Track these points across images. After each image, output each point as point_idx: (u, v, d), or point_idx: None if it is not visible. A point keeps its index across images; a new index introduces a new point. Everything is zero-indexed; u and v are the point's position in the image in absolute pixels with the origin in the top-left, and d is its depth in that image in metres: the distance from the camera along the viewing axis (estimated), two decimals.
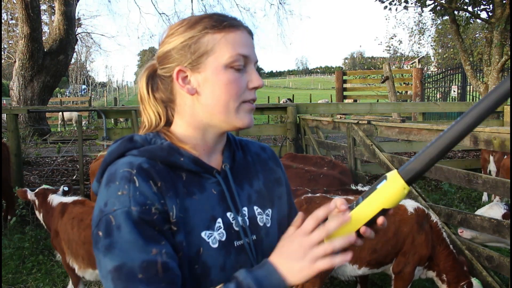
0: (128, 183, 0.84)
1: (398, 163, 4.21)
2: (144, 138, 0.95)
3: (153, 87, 0.99)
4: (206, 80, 0.93)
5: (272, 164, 1.14)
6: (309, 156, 5.72)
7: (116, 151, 0.93)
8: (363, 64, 32.57)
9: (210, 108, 0.95)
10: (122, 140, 0.95)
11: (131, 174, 0.85)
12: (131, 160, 0.89)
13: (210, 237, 0.91)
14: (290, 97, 23.20)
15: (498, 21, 10.09)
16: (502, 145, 2.93)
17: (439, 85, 15.78)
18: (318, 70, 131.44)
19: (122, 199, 0.83)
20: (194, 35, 0.93)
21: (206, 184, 0.95)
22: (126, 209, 0.82)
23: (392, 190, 0.83)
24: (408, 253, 2.94)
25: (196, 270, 0.89)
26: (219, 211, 0.95)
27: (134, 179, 0.85)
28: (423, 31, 24.25)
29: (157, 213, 0.83)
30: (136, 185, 0.84)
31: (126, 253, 0.80)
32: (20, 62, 11.69)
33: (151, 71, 1.00)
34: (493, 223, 3.04)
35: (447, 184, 6.63)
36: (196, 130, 0.98)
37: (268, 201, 1.07)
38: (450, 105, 9.60)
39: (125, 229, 0.81)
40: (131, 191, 0.84)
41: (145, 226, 0.82)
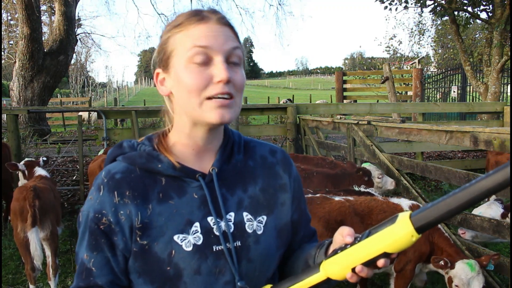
0: (97, 191, 0.94)
1: (398, 164, 4.21)
2: (131, 145, 1.01)
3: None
4: (174, 80, 0.94)
5: (279, 169, 1.09)
6: (310, 156, 5.72)
7: (110, 156, 1.02)
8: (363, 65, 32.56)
9: (182, 107, 0.95)
10: (114, 146, 1.03)
11: (102, 183, 0.95)
12: (111, 167, 0.98)
13: (183, 241, 0.92)
14: (290, 98, 23.20)
15: (498, 21, 10.10)
16: (502, 146, 2.94)
17: (439, 86, 15.78)
18: (318, 70, 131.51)
19: (88, 204, 0.95)
20: (166, 37, 0.96)
21: (188, 188, 0.96)
22: (86, 213, 0.94)
23: (399, 236, 0.76)
24: (409, 251, 2.96)
25: (169, 272, 0.91)
26: (198, 215, 0.94)
27: (101, 188, 0.94)
28: (423, 32, 24.24)
29: (106, 224, 0.92)
30: (100, 194, 0.93)
31: (79, 245, 0.96)
32: (20, 62, 11.69)
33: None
34: (493, 223, 3.04)
35: (447, 185, 6.64)
36: (182, 129, 0.99)
37: (263, 208, 1.02)
38: (450, 106, 9.59)
39: (81, 228, 0.95)
40: (94, 198, 0.94)
41: (91, 232, 0.93)
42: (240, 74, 0.94)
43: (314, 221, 2.90)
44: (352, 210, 2.98)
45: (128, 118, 7.47)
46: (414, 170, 3.96)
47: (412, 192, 3.99)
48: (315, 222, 2.90)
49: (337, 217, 2.92)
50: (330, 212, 2.93)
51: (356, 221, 2.95)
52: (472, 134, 3.20)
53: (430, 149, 7.89)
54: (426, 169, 3.76)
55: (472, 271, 2.66)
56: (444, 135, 3.54)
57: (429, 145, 7.33)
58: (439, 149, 8.15)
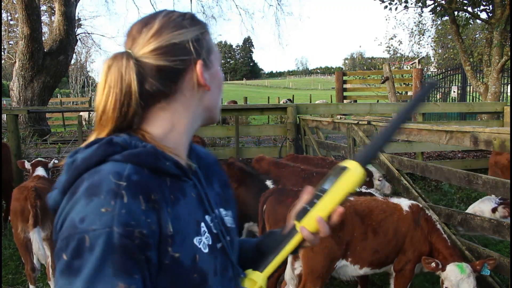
0: (114, 199, 0.75)
1: (398, 164, 4.22)
2: (124, 141, 0.85)
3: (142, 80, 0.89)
4: (213, 77, 0.97)
5: (218, 168, 1.13)
6: (310, 157, 5.72)
7: (93, 156, 0.82)
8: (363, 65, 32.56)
9: (212, 104, 0.99)
10: (100, 143, 0.84)
11: (119, 187, 0.76)
12: (117, 168, 0.80)
13: (200, 243, 0.88)
14: (290, 98, 23.21)
15: (498, 21, 10.10)
16: (502, 146, 2.93)
17: (439, 86, 15.78)
18: (318, 70, 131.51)
19: (105, 218, 0.73)
20: (202, 31, 0.95)
21: (186, 187, 0.91)
22: (108, 230, 0.72)
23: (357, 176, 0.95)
24: (408, 251, 2.96)
25: (195, 279, 0.85)
26: (200, 215, 0.92)
27: (122, 194, 0.76)
28: (423, 32, 24.25)
29: (139, 238, 0.75)
30: (124, 201, 0.75)
31: (90, 282, 0.70)
32: (20, 62, 11.69)
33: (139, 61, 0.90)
34: (493, 224, 3.05)
35: (447, 185, 6.64)
36: (185, 128, 0.95)
37: (227, 202, 1.07)
38: (450, 106, 9.60)
39: (97, 253, 0.71)
40: (116, 208, 0.74)
41: (121, 253, 0.73)
42: None
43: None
44: (353, 210, 2.98)
45: None
46: (414, 170, 3.95)
47: (412, 192, 3.99)
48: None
49: None
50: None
51: (356, 221, 2.95)
52: (472, 134, 3.20)
53: (430, 149, 7.89)
54: (426, 169, 3.76)
55: (462, 273, 2.66)
56: (444, 135, 3.54)
57: (429, 145, 7.33)
58: (439, 149, 8.15)
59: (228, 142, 9.25)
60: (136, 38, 0.91)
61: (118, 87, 0.87)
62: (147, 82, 0.89)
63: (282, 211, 3.15)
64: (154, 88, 0.90)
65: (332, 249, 2.88)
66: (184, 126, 0.95)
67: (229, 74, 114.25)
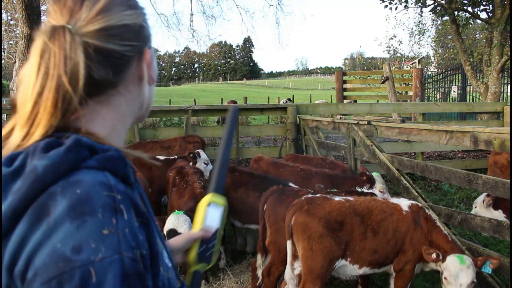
0: (115, 216, 0.61)
1: (398, 164, 4.22)
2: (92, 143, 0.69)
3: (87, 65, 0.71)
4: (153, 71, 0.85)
5: None
6: (310, 157, 5.73)
7: (63, 163, 0.64)
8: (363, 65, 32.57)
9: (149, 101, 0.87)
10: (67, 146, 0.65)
11: (115, 201, 0.63)
12: (100, 178, 0.65)
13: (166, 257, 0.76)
14: (290, 98, 23.22)
15: (498, 21, 10.10)
16: (502, 146, 2.93)
17: (439, 86, 15.78)
18: (318, 70, 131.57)
19: (111, 242, 0.59)
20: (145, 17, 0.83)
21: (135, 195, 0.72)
22: (117, 256, 0.59)
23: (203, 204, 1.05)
24: (408, 251, 2.96)
25: None
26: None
27: (121, 209, 0.62)
28: (423, 32, 24.24)
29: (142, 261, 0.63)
30: (125, 217, 0.62)
31: None
32: (20, 62, 11.66)
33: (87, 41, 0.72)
34: (493, 224, 3.05)
35: (447, 185, 6.64)
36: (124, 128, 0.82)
37: None
38: (450, 106, 9.60)
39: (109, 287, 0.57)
40: (120, 228, 0.61)
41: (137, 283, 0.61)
42: None
43: (314, 222, 2.90)
44: (352, 211, 2.98)
45: None
46: (414, 170, 3.95)
47: (412, 192, 3.99)
48: (316, 223, 2.89)
49: (337, 217, 2.92)
50: (330, 212, 2.93)
51: (356, 221, 2.95)
52: (472, 134, 3.20)
53: (430, 149, 7.89)
54: (426, 169, 3.76)
55: (461, 264, 2.66)
56: (444, 135, 3.54)
57: (429, 145, 7.33)
58: (439, 149, 8.15)
59: None
60: (76, 12, 0.73)
61: (61, 70, 0.68)
62: (91, 67, 0.71)
63: (282, 211, 3.15)
64: (99, 76, 0.72)
65: (331, 249, 2.88)
66: (123, 125, 0.81)
67: (229, 74, 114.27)
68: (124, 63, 0.76)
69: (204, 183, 4.22)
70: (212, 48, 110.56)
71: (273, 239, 3.32)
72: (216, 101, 26.17)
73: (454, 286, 2.67)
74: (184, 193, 3.99)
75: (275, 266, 3.34)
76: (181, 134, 6.58)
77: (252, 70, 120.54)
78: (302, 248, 2.94)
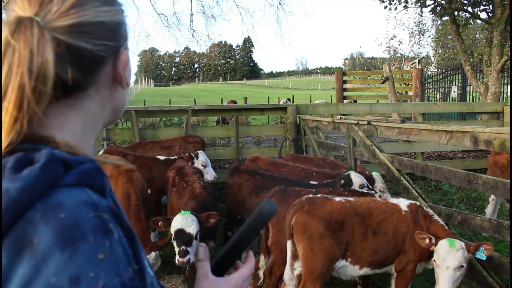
0: (107, 237, 0.57)
1: (398, 164, 4.22)
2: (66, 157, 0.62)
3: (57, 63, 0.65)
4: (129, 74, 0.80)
5: None
6: (310, 157, 5.73)
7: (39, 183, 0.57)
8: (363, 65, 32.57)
9: (122, 105, 0.81)
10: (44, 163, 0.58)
11: (103, 221, 0.58)
12: (81, 196, 0.59)
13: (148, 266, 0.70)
14: (289, 98, 23.22)
15: (498, 21, 10.10)
16: (502, 146, 2.94)
17: (439, 86, 15.78)
18: (318, 70, 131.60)
19: (108, 265, 0.55)
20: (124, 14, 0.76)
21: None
22: (118, 280, 0.55)
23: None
24: (409, 251, 2.97)
25: None
26: None
27: (111, 229, 0.59)
28: (423, 32, 24.25)
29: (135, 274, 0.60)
30: (116, 237, 0.59)
31: None
32: None
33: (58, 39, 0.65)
34: (493, 224, 3.05)
35: (447, 185, 6.64)
36: (94, 131, 0.76)
37: None
38: (450, 106, 9.60)
39: None
40: (114, 249, 0.57)
41: None
42: None
43: (315, 222, 2.90)
44: (353, 211, 2.98)
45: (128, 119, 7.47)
46: (414, 170, 3.96)
47: (412, 192, 3.99)
48: (316, 223, 2.90)
49: (338, 217, 2.93)
50: (331, 212, 2.93)
51: (356, 221, 2.95)
52: (472, 134, 3.20)
53: (430, 149, 7.89)
54: (426, 169, 3.76)
55: (450, 247, 2.66)
56: (444, 135, 3.54)
57: (429, 145, 7.33)
58: (439, 149, 8.15)
59: (228, 142, 9.26)
60: (46, 2, 0.66)
61: (25, 69, 0.61)
62: (61, 67, 0.65)
63: (284, 211, 3.16)
64: (69, 78, 0.66)
65: (332, 249, 2.88)
66: (94, 130, 0.76)
67: (229, 74, 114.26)
68: (96, 64, 0.70)
69: (204, 183, 4.21)
70: (212, 48, 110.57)
71: (275, 239, 3.33)
72: (216, 101, 26.16)
73: (441, 268, 2.68)
74: (184, 193, 4.00)
75: (276, 266, 3.34)
76: (181, 134, 6.58)
77: (252, 70, 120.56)
78: (303, 248, 2.95)
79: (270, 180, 4.22)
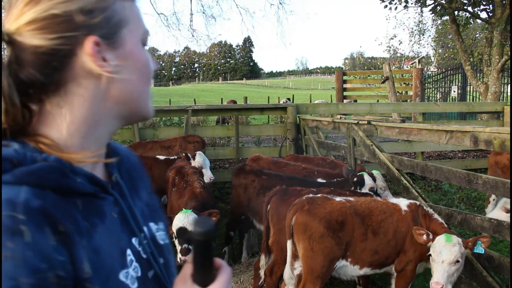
0: (12, 238, 0.56)
1: (398, 163, 4.22)
2: (17, 154, 0.64)
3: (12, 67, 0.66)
4: (125, 59, 0.73)
5: (143, 170, 0.93)
6: (310, 157, 5.73)
7: None
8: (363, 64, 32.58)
9: (127, 95, 0.75)
10: None
11: (15, 222, 0.57)
12: (8, 195, 0.59)
13: (128, 277, 0.70)
14: (289, 97, 23.21)
15: (498, 21, 10.10)
16: (502, 146, 2.94)
17: (439, 85, 15.78)
18: (318, 70, 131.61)
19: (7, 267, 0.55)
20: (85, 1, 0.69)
21: (104, 206, 0.72)
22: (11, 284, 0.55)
23: None
24: (409, 251, 2.97)
25: None
26: (125, 240, 0.74)
27: (21, 230, 0.57)
28: (423, 32, 24.26)
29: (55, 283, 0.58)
30: (26, 239, 0.57)
31: None
32: None
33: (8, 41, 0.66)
34: (493, 223, 3.05)
35: (447, 184, 6.64)
36: (89, 129, 0.72)
37: (158, 212, 0.89)
38: (450, 105, 9.60)
39: None
40: (18, 252, 0.56)
41: None
42: None
43: (315, 222, 2.90)
44: (353, 211, 2.98)
45: None
46: (414, 170, 3.96)
47: (412, 192, 3.99)
48: (317, 223, 2.90)
49: (338, 217, 2.93)
50: (331, 212, 2.93)
51: (356, 221, 2.95)
52: (472, 134, 3.20)
53: (430, 149, 7.89)
54: (426, 169, 3.76)
55: (447, 241, 2.66)
56: (444, 135, 3.54)
57: (429, 145, 7.33)
58: (439, 149, 8.15)
59: (228, 142, 9.26)
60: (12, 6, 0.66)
61: None
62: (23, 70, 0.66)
63: (285, 211, 3.16)
64: (32, 79, 0.67)
65: (332, 249, 2.89)
66: (90, 125, 0.72)
67: (229, 73, 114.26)
68: (60, 60, 0.67)
69: (203, 183, 4.21)
70: (212, 48, 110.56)
71: (276, 239, 3.33)
72: (216, 101, 26.18)
73: (436, 263, 2.67)
74: (184, 193, 4.00)
75: (277, 265, 3.35)
76: (181, 134, 6.58)
77: (252, 70, 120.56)
78: (303, 248, 2.95)
79: (276, 179, 4.19)
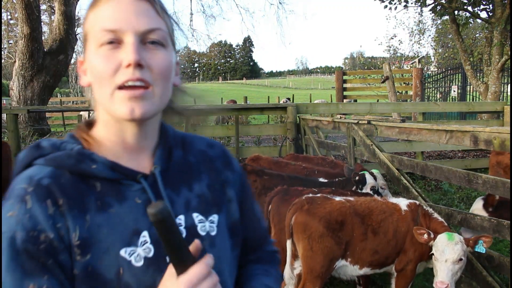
0: (19, 203, 0.76)
1: (398, 163, 4.22)
2: (52, 144, 0.83)
3: None
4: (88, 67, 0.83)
5: (219, 164, 0.99)
6: (310, 156, 5.73)
7: (23, 160, 0.83)
8: (363, 64, 32.57)
9: (98, 99, 0.84)
10: (29, 147, 0.84)
11: (25, 193, 0.77)
12: (33, 173, 0.80)
13: (132, 255, 0.79)
14: (289, 97, 23.21)
15: (498, 21, 10.10)
16: (502, 145, 2.93)
17: (439, 85, 15.78)
18: (318, 70, 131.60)
19: (10, 222, 0.75)
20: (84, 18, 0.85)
21: (128, 192, 0.82)
22: (11, 235, 0.74)
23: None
24: (409, 250, 2.96)
25: None
26: (145, 223, 0.81)
27: (26, 199, 0.76)
28: (423, 31, 24.27)
29: (45, 242, 0.74)
30: (27, 206, 0.75)
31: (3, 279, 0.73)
32: (20, 62, 11.69)
33: None
34: (493, 223, 3.05)
35: (447, 184, 6.64)
36: (108, 126, 0.85)
37: (213, 206, 0.93)
38: (450, 105, 9.60)
39: (5, 257, 0.73)
40: (20, 214, 0.75)
41: (27, 257, 0.73)
42: (160, 56, 0.81)
43: (315, 221, 2.90)
44: (353, 211, 2.98)
45: None
46: (414, 170, 3.96)
47: (412, 191, 3.99)
48: (316, 222, 2.90)
49: (338, 217, 2.92)
50: (330, 212, 2.93)
51: (356, 221, 2.95)
52: (472, 134, 3.20)
53: (430, 148, 7.89)
54: (426, 169, 3.76)
55: (449, 240, 2.66)
56: (444, 134, 3.54)
57: (429, 145, 7.33)
58: (439, 148, 8.15)
59: (228, 142, 9.26)
60: None
61: None
62: None
63: (286, 211, 3.16)
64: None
65: (331, 249, 2.88)
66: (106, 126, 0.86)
67: (229, 73, 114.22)
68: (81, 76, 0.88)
69: None
70: (212, 48, 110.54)
71: (276, 239, 3.33)
72: (216, 100, 26.15)
73: (440, 262, 2.67)
74: None
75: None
76: None
77: (252, 70, 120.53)
78: (302, 248, 2.95)
79: (278, 179, 4.18)
